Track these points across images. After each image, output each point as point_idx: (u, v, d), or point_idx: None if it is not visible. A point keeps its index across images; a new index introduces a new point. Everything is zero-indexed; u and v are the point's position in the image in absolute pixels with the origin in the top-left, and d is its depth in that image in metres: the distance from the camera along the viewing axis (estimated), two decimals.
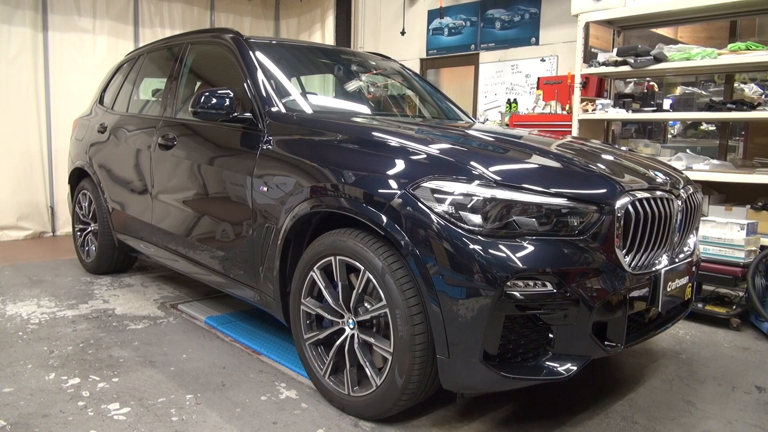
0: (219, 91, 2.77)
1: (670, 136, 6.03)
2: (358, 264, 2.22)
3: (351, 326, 2.30)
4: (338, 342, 2.34)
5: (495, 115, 6.41)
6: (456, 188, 2.01)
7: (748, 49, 4.00)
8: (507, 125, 5.67)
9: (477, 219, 1.97)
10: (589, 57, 4.82)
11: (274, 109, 2.81)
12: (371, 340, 2.22)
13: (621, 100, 4.73)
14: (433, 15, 7.22)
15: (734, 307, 3.74)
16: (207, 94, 2.77)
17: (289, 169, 2.56)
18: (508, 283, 1.91)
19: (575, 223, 2.02)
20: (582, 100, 4.86)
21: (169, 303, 3.80)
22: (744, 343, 3.37)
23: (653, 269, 2.23)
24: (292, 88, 3.20)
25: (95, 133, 4.35)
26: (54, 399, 2.43)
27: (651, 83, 5.20)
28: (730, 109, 4.11)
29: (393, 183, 2.13)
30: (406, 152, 2.23)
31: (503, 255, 1.93)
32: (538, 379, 2.04)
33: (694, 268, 2.55)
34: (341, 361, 2.35)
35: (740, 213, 3.96)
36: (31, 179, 5.95)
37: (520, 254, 1.94)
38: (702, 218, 3.53)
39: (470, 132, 2.87)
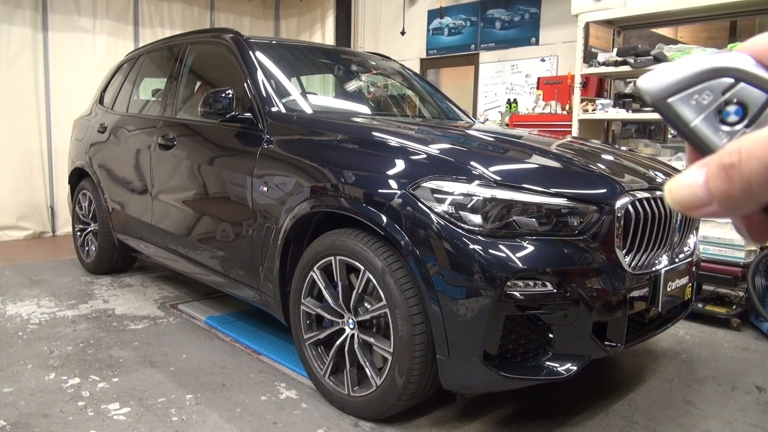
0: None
1: (670, 136, 6.02)
2: (358, 264, 2.22)
3: (351, 326, 2.30)
4: (338, 342, 2.34)
5: (495, 115, 6.40)
6: (456, 188, 2.01)
7: None
8: (507, 125, 5.66)
9: (477, 219, 1.97)
10: (589, 57, 4.82)
11: (274, 109, 2.81)
12: (371, 340, 2.22)
13: (621, 100, 4.73)
14: (433, 15, 7.22)
15: (734, 307, 3.73)
16: (219, 93, 2.77)
17: (289, 169, 2.56)
18: (508, 283, 1.91)
19: (575, 223, 2.02)
20: (582, 100, 4.86)
21: (169, 303, 3.80)
22: (744, 343, 3.37)
23: (653, 269, 2.23)
24: (292, 88, 3.20)
25: (95, 133, 4.35)
26: (54, 399, 2.43)
27: None
28: None
29: (393, 183, 2.13)
30: (406, 152, 2.23)
31: (503, 255, 1.93)
32: (538, 379, 2.04)
33: (694, 268, 2.55)
34: (341, 361, 2.35)
35: None
36: (31, 179, 5.95)
37: (520, 254, 1.94)
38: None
39: (470, 132, 2.87)
